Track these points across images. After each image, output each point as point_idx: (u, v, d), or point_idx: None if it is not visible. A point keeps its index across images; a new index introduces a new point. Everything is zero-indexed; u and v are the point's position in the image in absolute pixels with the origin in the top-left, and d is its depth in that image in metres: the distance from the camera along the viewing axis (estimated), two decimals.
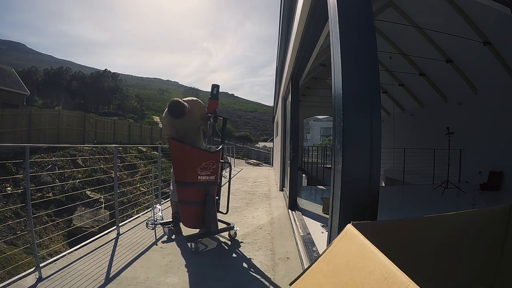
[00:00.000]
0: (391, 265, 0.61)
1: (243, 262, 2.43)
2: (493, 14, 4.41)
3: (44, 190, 8.13)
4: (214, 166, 2.69)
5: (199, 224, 2.73)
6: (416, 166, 7.19)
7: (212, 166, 2.67)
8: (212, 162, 2.67)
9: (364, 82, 1.22)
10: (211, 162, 2.66)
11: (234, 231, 2.97)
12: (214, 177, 2.72)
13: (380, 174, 1.22)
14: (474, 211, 1.11)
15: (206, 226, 2.68)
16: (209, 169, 2.65)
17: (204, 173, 2.62)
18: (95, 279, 2.03)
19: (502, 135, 5.69)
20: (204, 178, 2.63)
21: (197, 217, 2.70)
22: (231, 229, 2.95)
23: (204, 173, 2.63)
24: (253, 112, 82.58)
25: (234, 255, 2.59)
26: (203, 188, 2.64)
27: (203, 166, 2.61)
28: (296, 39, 3.29)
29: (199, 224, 2.74)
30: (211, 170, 2.66)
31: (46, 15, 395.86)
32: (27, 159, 2.15)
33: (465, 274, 0.91)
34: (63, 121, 13.05)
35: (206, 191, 2.65)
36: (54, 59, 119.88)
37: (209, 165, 2.64)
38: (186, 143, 2.73)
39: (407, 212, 4.23)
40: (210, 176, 2.67)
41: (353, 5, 1.29)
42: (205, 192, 2.65)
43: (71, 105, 44.43)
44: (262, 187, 6.96)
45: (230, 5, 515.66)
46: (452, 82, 6.91)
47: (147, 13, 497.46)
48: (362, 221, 0.89)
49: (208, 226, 2.67)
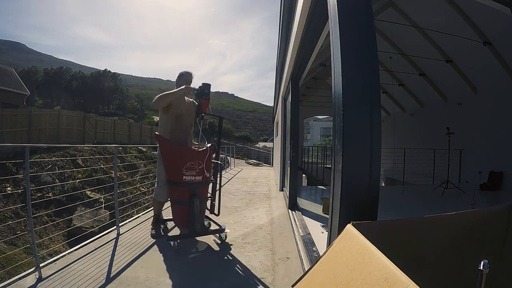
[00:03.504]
0: (391, 265, 0.61)
1: (243, 262, 2.43)
2: (493, 14, 4.40)
3: (44, 190, 8.13)
4: (201, 166, 2.60)
5: (186, 224, 2.67)
6: (416, 166, 7.19)
7: (198, 166, 2.58)
8: (198, 162, 2.58)
9: (364, 82, 1.23)
10: (197, 162, 2.58)
11: (225, 233, 2.85)
12: (201, 177, 2.62)
13: (380, 174, 1.22)
14: (474, 211, 1.11)
15: (190, 227, 2.61)
16: (195, 169, 2.56)
17: (189, 173, 2.55)
18: (95, 279, 2.03)
19: (502, 135, 5.68)
20: (190, 178, 2.55)
21: (185, 217, 2.64)
22: (222, 231, 2.82)
23: (189, 173, 2.55)
24: (253, 112, 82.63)
25: (234, 255, 2.58)
26: (189, 189, 2.57)
27: (188, 166, 2.54)
28: (296, 39, 3.29)
29: (186, 224, 2.67)
30: (197, 170, 2.57)
31: (50, 15, 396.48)
32: (27, 159, 2.15)
33: (465, 274, 0.91)
34: (63, 121, 13.06)
35: (192, 192, 2.57)
36: (54, 59, 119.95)
37: (194, 165, 2.56)
38: (175, 138, 2.67)
39: (407, 212, 4.23)
40: (196, 177, 2.58)
41: (353, 5, 1.29)
42: (191, 192, 2.57)
43: (71, 105, 44.49)
44: (262, 187, 6.96)
45: (249, 11, 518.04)
46: (452, 82, 6.91)
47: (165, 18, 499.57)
48: (362, 221, 0.89)
49: (192, 227, 2.60)
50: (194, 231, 2.64)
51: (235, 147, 18.25)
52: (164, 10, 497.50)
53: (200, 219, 2.69)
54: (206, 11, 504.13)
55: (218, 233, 2.84)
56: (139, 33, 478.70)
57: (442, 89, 7.64)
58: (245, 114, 78.60)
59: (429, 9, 5.58)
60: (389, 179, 9.56)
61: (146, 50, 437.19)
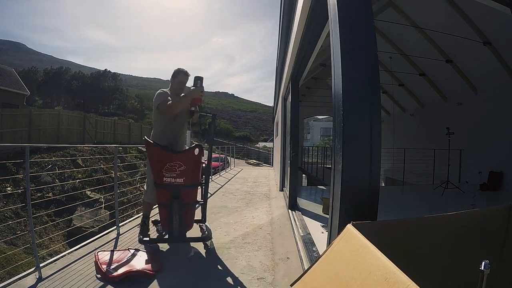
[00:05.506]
0: (391, 265, 0.61)
1: (243, 262, 2.43)
2: (493, 14, 4.40)
3: (44, 190, 8.13)
4: (182, 167, 2.51)
5: (168, 227, 2.58)
6: (416, 166, 7.19)
7: (178, 167, 2.50)
8: (178, 163, 2.50)
9: (364, 82, 1.23)
10: (176, 163, 2.49)
11: (210, 241, 2.73)
12: (183, 179, 2.52)
13: (380, 174, 1.22)
14: (474, 211, 1.11)
15: (169, 231, 2.54)
16: (175, 170, 2.49)
17: (169, 174, 2.48)
18: (95, 279, 2.03)
19: (502, 135, 5.69)
20: (169, 180, 2.49)
21: (166, 220, 2.56)
22: (207, 239, 2.69)
23: (169, 175, 2.48)
24: (253, 112, 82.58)
25: (234, 255, 2.59)
26: (169, 190, 2.50)
27: (168, 167, 2.47)
28: (296, 39, 3.29)
29: (168, 227, 2.58)
30: (177, 172, 2.49)
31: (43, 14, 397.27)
32: (27, 159, 2.15)
33: (465, 274, 0.91)
34: (63, 121, 13.05)
35: (174, 194, 2.50)
36: (54, 59, 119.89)
37: (174, 167, 2.49)
38: (169, 138, 2.61)
39: (407, 212, 4.23)
40: (176, 179, 2.50)
41: (353, 5, 1.29)
42: (172, 195, 2.50)
43: (71, 105, 44.50)
44: (262, 187, 6.96)
45: (259, 17, 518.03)
46: (452, 82, 6.91)
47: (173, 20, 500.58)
48: (362, 221, 0.89)
49: (171, 231, 2.53)
50: (172, 235, 2.54)
51: (235, 147, 18.25)
52: (172, 11, 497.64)
53: (180, 223, 2.54)
54: (215, 14, 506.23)
55: (202, 241, 2.69)
56: (146, 35, 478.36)
57: (442, 89, 7.65)
58: (245, 114, 78.57)
59: (429, 9, 5.59)
60: (389, 179, 9.57)
61: (153, 51, 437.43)
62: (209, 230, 2.85)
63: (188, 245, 2.77)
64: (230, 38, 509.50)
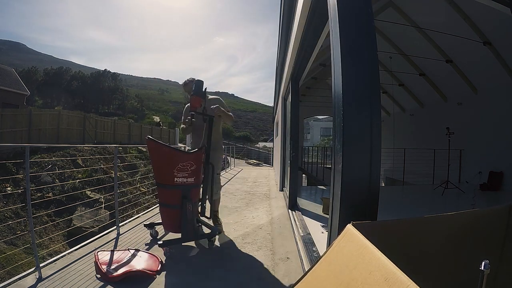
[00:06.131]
0: (391, 265, 0.61)
1: (243, 262, 2.43)
2: (493, 14, 4.41)
3: (44, 190, 8.13)
4: (193, 167, 2.55)
5: (177, 228, 2.60)
6: (416, 166, 7.19)
7: (190, 167, 2.52)
8: (190, 163, 2.52)
9: (364, 82, 1.22)
10: (189, 163, 2.52)
11: (215, 237, 2.77)
12: (193, 179, 2.56)
13: (380, 174, 1.22)
14: (474, 211, 1.11)
15: (181, 232, 2.56)
16: (187, 170, 2.51)
17: (181, 174, 2.48)
18: (95, 279, 2.03)
19: (502, 135, 5.69)
20: (181, 180, 2.49)
21: (175, 221, 2.57)
22: (214, 235, 2.73)
23: (181, 175, 2.48)
24: (253, 112, 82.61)
25: (234, 255, 2.58)
26: (180, 191, 2.50)
27: (180, 167, 2.48)
28: (296, 39, 3.29)
29: (177, 229, 2.61)
30: (189, 172, 2.51)
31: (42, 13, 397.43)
32: (27, 159, 2.15)
33: (465, 274, 0.91)
34: (63, 121, 13.05)
35: (184, 194, 2.51)
36: (54, 59, 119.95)
37: (186, 167, 2.50)
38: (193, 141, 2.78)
39: (407, 212, 4.23)
40: (188, 178, 2.52)
41: (353, 5, 1.29)
42: (182, 195, 2.50)
43: (71, 105, 44.51)
44: (262, 187, 6.96)
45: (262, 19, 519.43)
46: (452, 82, 6.91)
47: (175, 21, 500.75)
48: (362, 221, 0.89)
49: (183, 232, 2.54)
50: (186, 236, 2.56)
51: (235, 147, 18.25)
52: (173, 11, 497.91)
53: (193, 223, 2.61)
54: (219, 16, 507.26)
55: (210, 237, 2.71)
56: (147, 35, 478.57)
57: (442, 89, 7.65)
58: (245, 114, 78.56)
59: (429, 9, 5.59)
60: (389, 179, 9.57)
61: (154, 51, 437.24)
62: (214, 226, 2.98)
63: (188, 245, 2.76)
64: (232, 39, 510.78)
